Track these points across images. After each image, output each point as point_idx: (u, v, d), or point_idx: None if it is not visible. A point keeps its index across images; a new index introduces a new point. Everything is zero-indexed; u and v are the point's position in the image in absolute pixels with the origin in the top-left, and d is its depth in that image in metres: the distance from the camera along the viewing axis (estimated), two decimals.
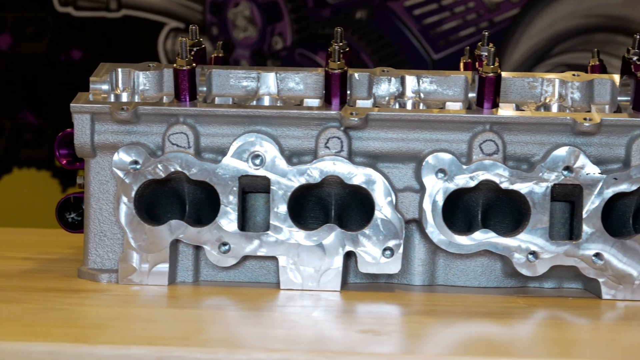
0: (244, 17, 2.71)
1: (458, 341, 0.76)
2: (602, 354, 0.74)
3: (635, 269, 0.94)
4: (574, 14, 2.64)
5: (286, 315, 0.84)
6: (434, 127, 0.96)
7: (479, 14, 2.68)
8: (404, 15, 2.70)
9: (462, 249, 0.95)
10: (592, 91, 1.01)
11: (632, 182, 0.94)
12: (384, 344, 0.73)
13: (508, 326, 0.83)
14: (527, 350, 0.74)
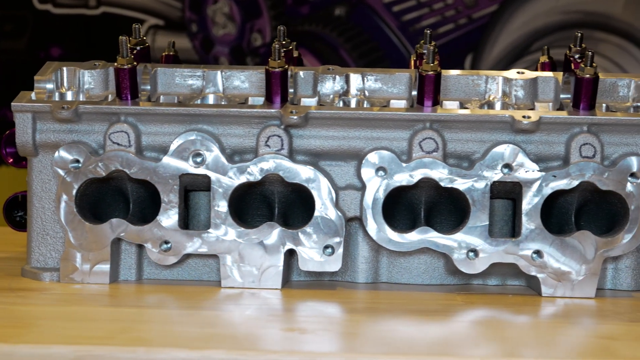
0: (223, 14, 2.71)
1: (384, 339, 0.76)
2: (537, 351, 0.74)
3: (575, 266, 0.94)
4: (553, 11, 2.64)
5: (220, 314, 0.84)
6: (375, 125, 0.96)
7: (457, 11, 2.68)
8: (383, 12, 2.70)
9: (402, 246, 0.95)
10: (536, 89, 1.01)
11: (571, 179, 0.94)
12: (305, 342, 0.73)
13: (439, 324, 0.83)
14: (456, 349, 0.75)
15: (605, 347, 0.75)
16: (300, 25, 2.70)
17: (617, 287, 0.99)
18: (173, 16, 2.70)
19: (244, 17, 2.69)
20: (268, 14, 2.70)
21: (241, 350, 0.69)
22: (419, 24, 2.69)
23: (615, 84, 1.01)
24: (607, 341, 0.78)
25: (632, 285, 0.99)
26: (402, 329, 0.80)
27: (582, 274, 0.94)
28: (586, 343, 0.78)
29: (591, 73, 0.95)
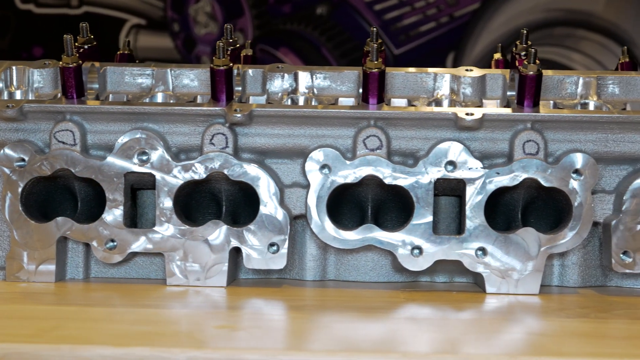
0: (205, 13, 2.71)
1: (313, 336, 0.76)
2: (474, 348, 0.74)
3: (518, 262, 0.94)
4: (535, 8, 2.64)
5: (158, 311, 0.84)
6: (319, 122, 0.96)
7: (439, 9, 2.68)
8: (365, 11, 2.70)
9: (346, 244, 0.95)
10: (484, 86, 1.02)
11: (514, 176, 0.94)
12: (230, 339, 0.73)
13: (380, 321, 0.83)
14: (395, 346, 0.74)
15: (537, 343, 0.76)
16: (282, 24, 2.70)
17: (564, 284, 1.00)
18: (155, 16, 2.70)
19: (226, 16, 2.69)
20: (250, 13, 2.70)
21: (165, 347, 0.69)
22: (400, 22, 2.69)
23: (563, 81, 1.02)
24: (539, 337, 0.78)
25: (579, 281, 0.99)
26: (340, 326, 0.80)
27: (526, 270, 0.94)
28: (519, 339, 0.78)
29: (534, 70, 0.95)
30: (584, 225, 0.94)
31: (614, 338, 0.79)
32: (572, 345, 0.75)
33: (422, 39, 2.65)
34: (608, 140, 0.96)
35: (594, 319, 0.85)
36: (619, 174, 0.97)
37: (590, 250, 0.99)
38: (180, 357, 0.68)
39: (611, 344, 0.76)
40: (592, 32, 2.61)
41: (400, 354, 0.70)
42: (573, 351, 0.73)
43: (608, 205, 0.96)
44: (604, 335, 0.79)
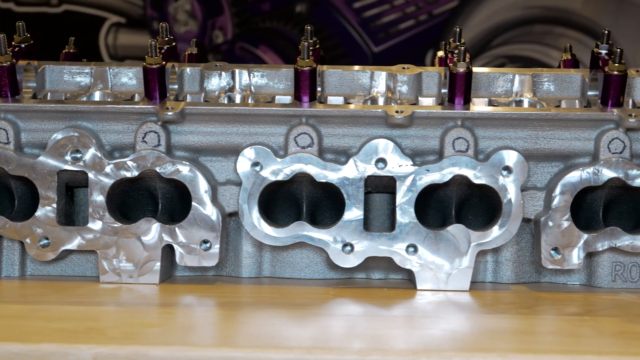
0: (184, 11, 2.72)
1: (229, 333, 0.77)
2: (393, 345, 0.75)
3: (449, 259, 0.95)
4: (514, 6, 2.65)
5: (81, 309, 0.85)
6: (252, 120, 0.97)
7: (418, 7, 2.68)
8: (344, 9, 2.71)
9: (277, 241, 0.96)
10: (421, 84, 1.02)
11: (444, 173, 0.95)
12: (143, 335, 0.74)
13: (304, 317, 0.84)
14: (319, 343, 0.75)
15: (459, 339, 0.76)
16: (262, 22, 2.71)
17: (498, 280, 1.00)
18: (134, 14, 2.70)
19: (206, 15, 2.70)
20: (229, 11, 2.71)
21: (74, 344, 0.69)
22: (379, 20, 2.70)
23: (498, 79, 1.02)
24: (458, 333, 0.78)
25: (513, 278, 1.00)
26: (267, 322, 0.81)
27: (456, 267, 0.95)
28: (441, 336, 0.78)
29: (464, 68, 0.96)
30: (513, 222, 0.94)
31: (531, 333, 0.79)
32: (490, 341, 0.76)
33: (401, 37, 2.65)
34: (538, 137, 0.96)
35: (516, 314, 0.86)
36: (551, 171, 0.97)
37: (524, 246, 1.00)
38: (87, 353, 0.69)
39: (530, 340, 0.76)
40: (570, 29, 2.62)
41: (326, 350, 0.70)
42: (492, 347, 0.73)
43: (539, 202, 0.97)
44: (522, 331, 0.80)
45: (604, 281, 0.98)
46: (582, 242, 0.94)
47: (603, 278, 0.98)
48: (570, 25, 2.62)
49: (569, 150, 0.96)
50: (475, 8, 2.65)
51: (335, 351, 0.70)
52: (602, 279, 0.98)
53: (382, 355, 0.69)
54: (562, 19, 2.62)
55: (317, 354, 0.70)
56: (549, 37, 2.64)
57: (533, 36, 2.64)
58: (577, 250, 0.94)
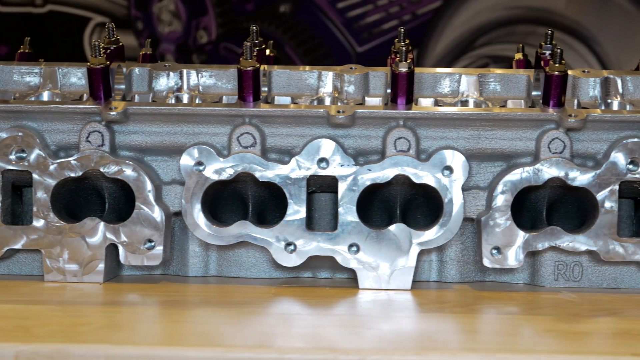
0: (168, 12, 2.72)
1: (160, 331, 0.78)
2: (328, 343, 0.75)
3: (390, 258, 0.95)
4: (497, 6, 2.65)
5: (19, 307, 0.85)
6: (195, 120, 0.97)
7: (401, 7, 2.69)
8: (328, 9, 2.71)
9: (221, 240, 0.96)
10: (368, 84, 1.02)
11: (385, 173, 0.95)
12: (68, 333, 0.74)
13: (238, 316, 0.84)
14: (247, 340, 0.75)
15: (390, 338, 0.76)
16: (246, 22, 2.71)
17: (443, 280, 1.01)
18: (119, 14, 2.71)
19: (190, 15, 2.71)
20: (214, 11, 2.72)
21: (4, 342, 0.70)
22: (363, 20, 2.70)
23: (445, 79, 1.02)
24: (392, 332, 0.79)
25: (457, 277, 1.00)
26: (198, 320, 0.81)
27: (398, 266, 0.95)
28: (373, 334, 0.79)
29: (406, 68, 0.96)
30: (454, 222, 0.95)
31: (464, 332, 0.80)
32: (422, 340, 0.76)
33: (385, 37, 2.66)
34: (480, 137, 0.97)
35: (450, 313, 0.86)
36: (493, 171, 0.98)
37: (469, 246, 1.00)
38: (9, 351, 0.69)
39: (462, 339, 0.77)
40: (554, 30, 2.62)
41: (266, 348, 0.71)
42: (424, 345, 0.74)
43: (481, 202, 0.97)
44: (454, 330, 0.80)
45: (547, 280, 0.99)
46: (523, 241, 0.94)
47: (546, 277, 0.99)
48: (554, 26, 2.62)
49: (511, 150, 0.97)
50: (459, 8, 2.65)
51: (275, 350, 0.71)
52: (544, 278, 0.99)
53: (322, 354, 0.70)
54: (545, 19, 2.63)
55: (257, 352, 0.70)
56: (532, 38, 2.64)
57: (516, 36, 2.64)
58: (517, 249, 0.95)
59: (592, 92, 1.01)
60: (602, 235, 0.94)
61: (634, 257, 0.94)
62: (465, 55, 2.65)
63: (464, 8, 2.66)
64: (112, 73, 0.99)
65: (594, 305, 0.90)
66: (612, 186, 0.94)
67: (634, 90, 1.01)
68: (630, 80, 1.01)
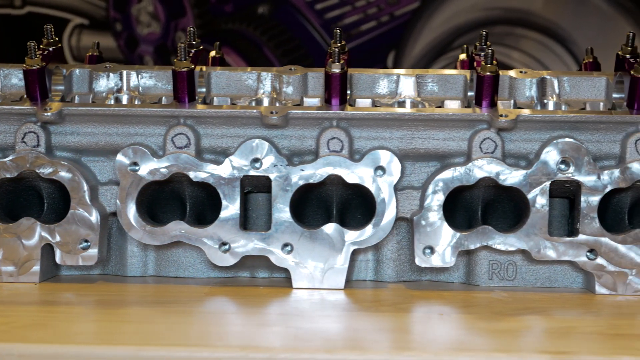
0: (147, 13, 2.73)
1: (78, 329, 0.78)
2: (263, 341, 0.76)
3: (324, 258, 0.96)
4: (474, 7, 2.66)
5: None
6: (131, 121, 0.98)
7: (379, 8, 2.69)
8: (306, 10, 2.72)
9: (155, 240, 0.97)
10: (306, 85, 1.03)
11: (318, 173, 0.96)
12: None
13: (168, 314, 0.85)
14: (176, 339, 0.76)
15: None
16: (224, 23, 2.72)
17: (379, 279, 1.01)
18: (98, 15, 2.71)
19: (168, 16, 2.71)
20: (192, 13, 2.72)
21: None
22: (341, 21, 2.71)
23: (383, 79, 1.03)
24: (320, 331, 0.79)
25: (393, 276, 1.01)
26: (125, 319, 0.82)
27: (331, 265, 0.96)
28: (301, 333, 0.79)
29: (339, 69, 0.97)
30: (386, 221, 0.95)
31: (389, 331, 0.80)
32: (330, 339, 0.77)
33: (363, 38, 2.66)
34: (414, 137, 0.97)
35: (374, 312, 0.87)
36: (427, 171, 0.99)
37: (405, 245, 1.01)
38: None
39: (373, 338, 0.78)
40: (531, 31, 2.63)
41: (200, 347, 0.72)
42: (328, 345, 0.74)
43: (415, 201, 0.98)
44: (377, 329, 0.81)
45: (481, 279, 0.99)
46: (455, 241, 0.95)
47: (480, 276, 0.99)
48: (531, 27, 2.63)
49: (444, 150, 0.97)
50: (437, 9, 2.66)
51: (207, 348, 0.71)
52: (479, 277, 0.99)
53: (233, 352, 0.71)
54: (523, 20, 2.63)
55: (188, 350, 0.71)
56: (510, 39, 2.65)
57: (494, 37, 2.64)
58: (449, 249, 0.95)
59: (529, 92, 1.02)
60: (533, 234, 0.95)
61: (565, 256, 0.95)
62: (443, 56, 2.66)
63: (441, 9, 2.66)
64: (49, 74, 1.00)
65: (521, 304, 0.90)
66: (543, 186, 0.95)
67: (571, 90, 1.02)
68: (566, 81, 1.02)
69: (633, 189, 0.97)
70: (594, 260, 0.95)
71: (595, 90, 1.02)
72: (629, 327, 0.82)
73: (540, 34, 2.60)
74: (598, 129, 0.96)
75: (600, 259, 0.95)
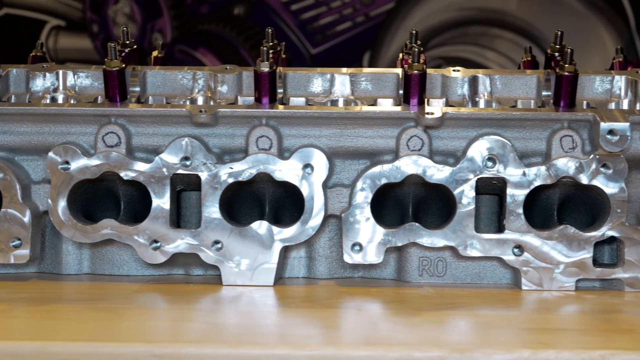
0: (124, 14, 2.73)
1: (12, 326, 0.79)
2: (189, 336, 0.77)
3: (253, 255, 0.97)
4: (449, 7, 2.67)
5: None
6: (63, 120, 0.99)
7: (355, 9, 2.70)
8: (282, 11, 2.73)
9: (87, 238, 0.98)
10: (241, 84, 1.04)
11: (247, 171, 0.97)
12: None
13: (94, 311, 0.86)
14: (99, 335, 0.77)
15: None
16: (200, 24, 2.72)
17: (312, 276, 1.02)
18: (74, 17, 2.72)
19: (145, 17, 2.72)
20: (168, 14, 2.73)
21: None
22: (317, 22, 2.72)
23: (317, 78, 1.04)
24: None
25: (326, 273, 1.02)
26: (56, 316, 0.83)
27: (260, 262, 0.97)
28: (222, 328, 0.80)
29: (267, 67, 0.98)
30: (314, 219, 0.96)
31: (302, 325, 0.81)
32: (238, 334, 0.78)
33: (339, 39, 2.67)
34: (342, 135, 0.98)
35: (295, 308, 0.88)
36: (357, 168, 0.99)
37: (337, 242, 1.01)
38: None
39: (275, 332, 0.79)
40: (505, 31, 2.64)
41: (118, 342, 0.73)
42: (235, 339, 0.75)
43: (345, 199, 0.99)
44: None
45: (412, 276, 1.00)
46: (382, 238, 0.96)
47: (411, 273, 1.00)
48: (506, 27, 2.64)
49: (373, 148, 0.98)
50: (412, 10, 2.67)
51: (130, 344, 0.72)
52: (409, 274, 1.00)
53: (140, 347, 0.71)
54: (497, 20, 2.64)
55: (109, 346, 0.72)
56: (485, 39, 2.66)
57: (469, 37, 2.66)
58: (377, 246, 0.96)
59: (461, 90, 1.03)
60: (460, 231, 0.96)
61: (491, 252, 0.96)
62: None
63: (416, 10, 2.67)
64: None
65: (444, 300, 0.91)
66: (469, 182, 0.96)
67: (502, 88, 1.03)
68: (498, 79, 1.03)
69: (561, 185, 0.98)
70: (520, 257, 0.96)
71: (526, 88, 1.03)
72: (542, 321, 0.82)
73: (515, 34, 2.61)
74: (524, 126, 0.97)
75: (526, 255, 0.96)
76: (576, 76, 0.98)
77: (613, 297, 0.93)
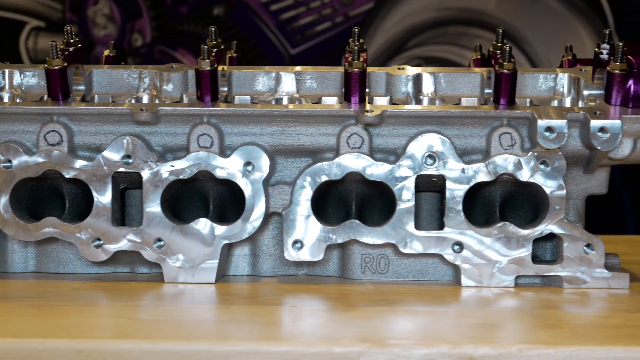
0: (103, 15, 2.74)
1: None
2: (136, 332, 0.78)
3: (194, 252, 0.97)
4: (428, 7, 2.67)
5: None
6: (6, 119, 0.99)
7: (334, 9, 2.71)
8: (261, 11, 2.73)
9: (29, 236, 0.98)
10: (187, 82, 1.04)
11: (188, 169, 0.97)
12: None
13: (37, 309, 0.86)
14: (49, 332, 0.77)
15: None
16: (180, 25, 2.73)
17: (256, 273, 1.02)
18: (54, 17, 2.72)
19: (124, 18, 2.72)
20: (148, 15, 2.73)
21: None
22: (296, 22, 2.72)
23: (262, 76, 1.04)
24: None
25: (270, 270, 1.02)
26: None
27: (202, 260, 0.97)
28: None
29: (208, 66, 0.98)
30: (255, 216, 0.97)
31: (234, 321, 0.82)
32: (164, 330, 0.78)
33: (318, 39, 2.68)
34: (284, 133, 0.99)
35: (229, 305, 0.88)
36: (299, 166, 1.00)
37: (281, 240, 1.02)
38: None
39: (205, 328, 0.79)
40: (484, 30, 2.64)
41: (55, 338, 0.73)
42: (162, 334, 0.76)
43: (287, 196, 0.99)
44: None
45: (355, 273, 1.01)
46: (322, 235, 0.96)
47: (353, 270, 1.01)
48: (484, 27, 2.64)
49: (315, 145, 0.99)
50: (390, 10, 2.67)
51: (69, 340, 0.73)
52: (352, 271, 1.01)
53: (62, 343, 0.72)
54: (476, 20, 2.65)
55: (32, 342, 0.73)
56: (464, 39, 2.67)
57: (448, 37, 2.66)
58: (317, 243, 0.96)
59: (405, 88, 1.03)
60: (400, 228, 0.96)
61: (431, 249, 0.96)
62: (397, 56, 2.67)
63: (395, 10, 2.68)
64: None
65: (380, 296, 0.92)
66: (408, 180, 0.96)
67: (447, 86, 1.03)
68: (442, 77, 1.03)
69: (502, 183, 0.99)
70: (460, 254, 0.96)
71: (470, 86, 1.03)
72: (471, 317, 0.83)
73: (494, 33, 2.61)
74: (464, 124, 0.98)
75: (466, 252, 0.96)
76: (515, 74, 0.98)
77: (550, 294, 0.93)
